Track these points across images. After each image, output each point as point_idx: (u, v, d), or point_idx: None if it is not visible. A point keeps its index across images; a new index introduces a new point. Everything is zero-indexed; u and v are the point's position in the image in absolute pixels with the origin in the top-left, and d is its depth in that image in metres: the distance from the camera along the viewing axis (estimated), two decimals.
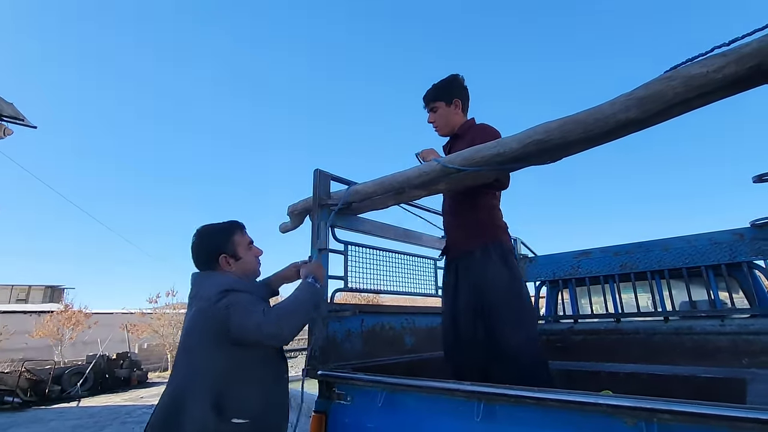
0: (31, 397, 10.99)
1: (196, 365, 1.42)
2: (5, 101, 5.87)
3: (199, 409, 1.34)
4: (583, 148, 1.48)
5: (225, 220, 1.73)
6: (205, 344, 1.43)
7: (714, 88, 1.13)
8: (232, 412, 1.37)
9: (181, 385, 1.41)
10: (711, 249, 2.87)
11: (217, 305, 1.41)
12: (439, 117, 2.13)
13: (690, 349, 2.76)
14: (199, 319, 1.46)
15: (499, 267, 1.88)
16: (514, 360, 1.77)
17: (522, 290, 1.92)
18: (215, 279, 1.55)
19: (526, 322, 1.86)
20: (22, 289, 28.04)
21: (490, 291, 1.85)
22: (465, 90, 2.15)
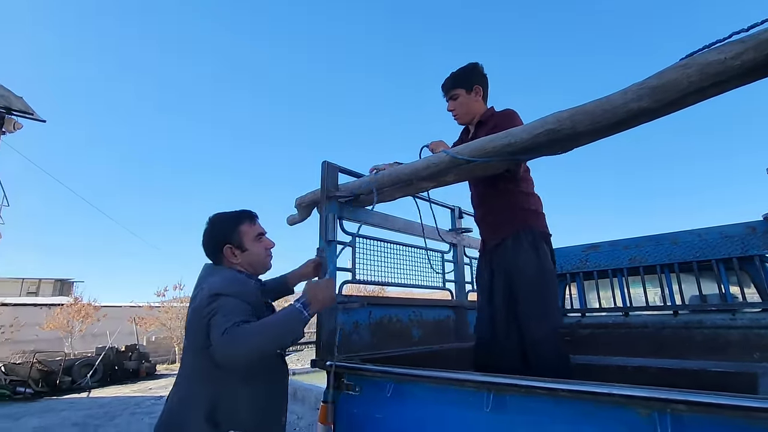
0: (42, 387, 11.18)
1: (193, 372, 1.41)
2: (15, 95, 5.92)
3: (197, 421, 1.32)
4: (594, 139, 1.46)
5: (238, 209, 1.65)
6: (197, 350, 1.38)
7: (731, 76, 1.10)
8: (227, 424, 1.34)
9: (184, 390, 1.41)
10: (722, 242, 2.84)
11: (205, 310, 1.35)
12: (459, 105, 2.09)
13: (700, 343, 2.74)
14: (193, 322, 1.41)
15: (529, 254, 1.85)
16: (536, 352, 1.77)
17: (551, 281, 1.88)
18: (213, 279, 1.47)
19: (551, 314, 1.83)
20: (33, 282, 28.46)
21: (519, 280, 1.84)
22: (485, 77, 2.12)
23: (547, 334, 1.77)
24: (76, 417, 7.84)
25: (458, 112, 2.11)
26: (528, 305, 1.81)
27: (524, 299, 1.82)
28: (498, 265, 1.96)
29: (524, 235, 1.91)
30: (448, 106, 2.12)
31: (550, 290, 1.87)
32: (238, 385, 1.40)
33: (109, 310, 20.79)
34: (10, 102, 6.13)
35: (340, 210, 2.14)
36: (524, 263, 1.85)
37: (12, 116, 6.44)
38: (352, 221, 2.24)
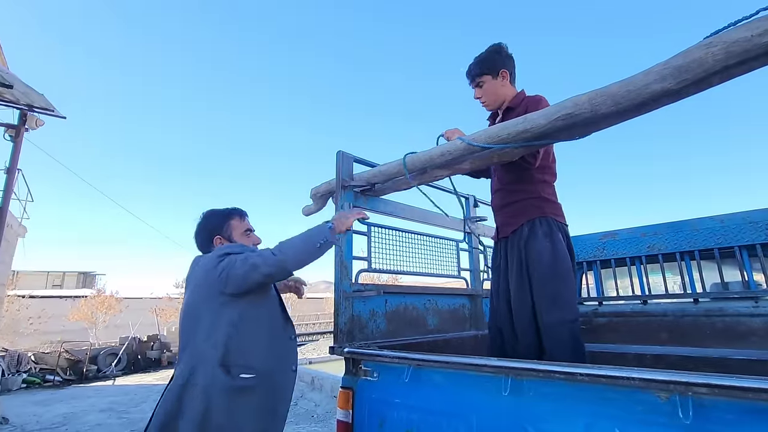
0: (70, 375, 11.62)
1: (203, 333, 1.47)
2: (37, 92, 6.07)
3: (208, 370, 1.41)
4: (614, 122, 1.43)
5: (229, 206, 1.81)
6: (209, 310, 1.49)
7: (758, 54, 1.06)
8: (238, 368, 1.44)
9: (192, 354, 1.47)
10: (745, 228, 2.76)
11: (216, 269, 1.49)
12: (486, 91, 2.00)
13: (721, 331, 2.69)
14: (201, 288, 1.53)
15: (544, 242, 1.84)
16: (549, 338, 1.77)
17: (566, 269, 1.84)
18: (211, 252, 1.63)
19: (566, 303, 1.80)
20: (57, 275, 29.42)
21: (534, 267, 1.83)
22: (511, 59, 2.01)
23: (560, 321, 1.76)
24: (102, 403, 8.13)
25: (486, 99, 2.02)
26: (542, 292, 1.80)
27: (538, 286, 1.81)
28: (512, 252, 1.94)
29: (540, 223, 1.90)
30: (474, 94, 2.04)
31: (565, 278, 1.84)
32: (249, 333, 1.50)
33: (130, 301, 21.41)
34: (32, 99, 6.29)
35: (355, 199, 2.16)
36: (539, 251, 1.84)
37: (34, 113, 6.61)
38: (367, 211, 2.26)
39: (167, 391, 1.47)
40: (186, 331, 1.53)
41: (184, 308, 1.58)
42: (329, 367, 9.05)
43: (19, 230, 9.38)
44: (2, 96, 6.19)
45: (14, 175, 6.84)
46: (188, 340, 1.50)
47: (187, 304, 1.57)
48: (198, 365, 1.43)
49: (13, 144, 6.81)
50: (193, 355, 1.46)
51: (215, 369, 1.41)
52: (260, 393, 1.48)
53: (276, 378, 1.55)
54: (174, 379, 1.48)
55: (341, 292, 1.98)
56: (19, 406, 8.03)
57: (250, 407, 1.45)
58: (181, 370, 1.46)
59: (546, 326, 1.77)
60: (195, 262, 1.67)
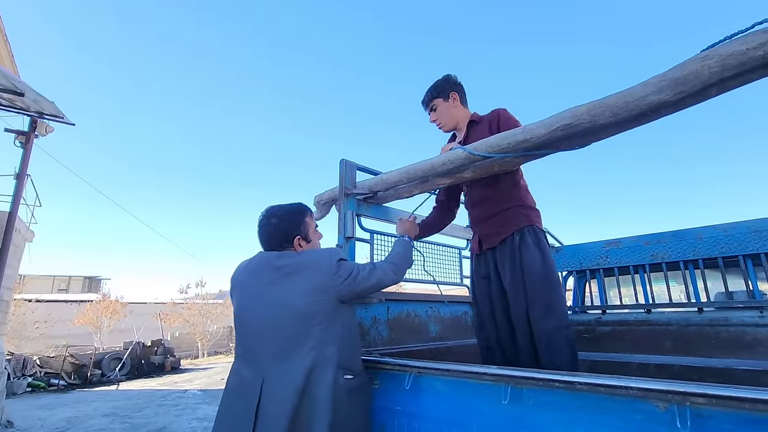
0: (74, 380, 11.67)
1: (319, 335, 1.45)
2: (47, 100, 6.17)
3: (332, 370, 1.42)
4: (612, 133, 1.45)
5: (293, 202, 1.74)
6: (324, 312, 1.47)
7: (754, 67, 1.09)
8: (343, 370, 1.47)
9: (307, 356, 1.42)
10: (750, 238, 2.75)
11: (337, 275, 1.51)
12: (440, 114, 2.13)
13: (726, 341, 2.67)
14: (315, 290, 1.48)
15: (534, 252, 1.87)
16: (546, 346, 1.77)
17: (556, 277, 1.91)
18: (315, 252, 1.62)
19: (560, 310, 1.84)
20: (63, 280, 29.62)
21: (527, 276, 1.84)
22: (459, 85, 2.15)
23: (557, 327, 1.78)
24: (106, 408, 8.15)
25: (440, 120, 2.15)
26: (537, 300, 1.82)
27: (533, 295, 1.83)
28: (503, 262, 1.95)
29: (528, 232, 1.92)
30: (430, 118, 2.18)
31: (556, 286, 1.88)
32: (350, 336, 1.57)
33: (135, 306, 21.48)
34: (42, 107, 6.40)
35: (359, 207, 2.18)
36: (531, 260, 1.86)
37: (44, 120, 6.72)
38: (370, 218, 2.28)
39: (276, 396, 1.38)
40: (289, 329, 1.46)
41: (281, 306, 1.49)
42: None
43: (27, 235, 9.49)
44: (13, 103, 6.30)
45: (24, 181, 6.94)
46: (294, 341, 1.44)
47: (289, 303, 1.48)
48: (317, 367, 1.41)
49: (24, 150, 6.92)
50: (312, 356, 1.42)
51: (336, 370, 1.43)
52: (360, 392, 1.53)
53: (365, 379, 1.61)
54: (282, 382, 1.40)
55: None
56: (24, 409, 8.06)
57: (361, 407, 1.52)
58: (294, 372, 1.40)
59: (542, 333, 1.78)
60: (283, 257, 1.58)
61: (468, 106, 2.17)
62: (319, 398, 1.37)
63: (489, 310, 2.02)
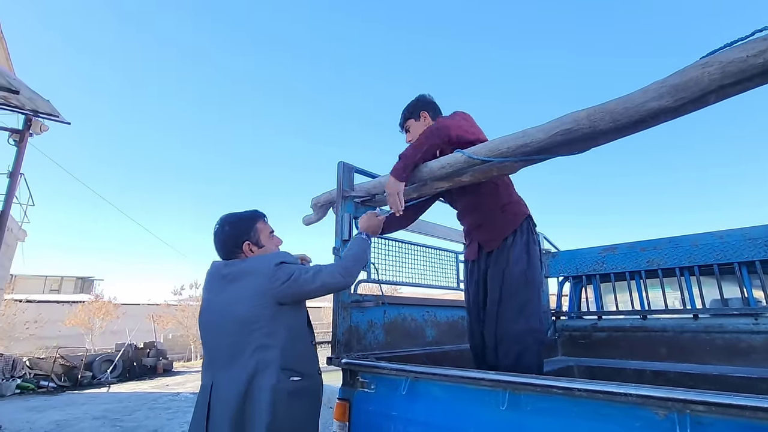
0: (64, 382, 11.50)
1: (261, 338, 1.48)
2: (42, 98, 6.13)
3: (274, 373, 1.45)
4: (612, 138, 1.45)
5: (248, 210, 1.76)
6: (265, 316, 1.49)
7: (754, 74, 1.09)
8: (289, 372, 1.49)
9: (249, 360, 1.46)
10: (744, 245, 2.77)
11: (275, 277, 1.51)
12: (412, 134, 2.13)
13: (721, 348, 2.68)
14: (256, 295, 1.51)
15: (520, 252, 1.86)
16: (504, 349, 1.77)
17: (534, 279, 1.86)
18: (258, 258, 1.62)
19: (528, 313, 1.79)
20: (55, 280, 29.32)
21: (508, 276, 1.83)
22: (431, 104, 2.16)
23: (525, 330, 1.75)
24: (96, 411, 8.04)
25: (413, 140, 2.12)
26: (510, 300, 1.80)
27: (507, 293, 1.82)
28: (493, 264, 1.92)
29: (520, 232, 1.92)
30: (406, 139, 2.18)
31: (535, 287, 1.84)
32: (297, 338, 1.58)
33: (127, 308, 21.29)
34: (37, 105, 6.34)
35: (356, 210, 2.17)
36: (516, 258, 1.85)
37: (39, 118, 6.67)
38: None
39: (224, 399, 1.44)
40: (232, 336, 1.50)
41: (225, 314, 1.53)
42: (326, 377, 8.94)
43: (19, 234, 9.39)
44: (8, 101, 6.25)
45: (17, 180, 6.87)
46: (238, 347, 1.49)
47: (231, 310, 1.52)
48: (259, 371, 1.45)
49: (17, 149, 6.86)
50: (254, 361, 1.46)
51: (279, 373, 1.45)
52: (308, 395, 1.55)
53: (315, 380, 1.63)
54: (227, 386, 1.45)
55: (340, 302, 1.97)
56: (12, 412, 7.94)
57: (304, 408, 1.52)
58: (236, 377, 1.45)
59: (510, 333, 1.76)
60: (229, 265, 1.61)
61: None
62: (260, 401, 1.41)
63: (477, 314, 2.01)
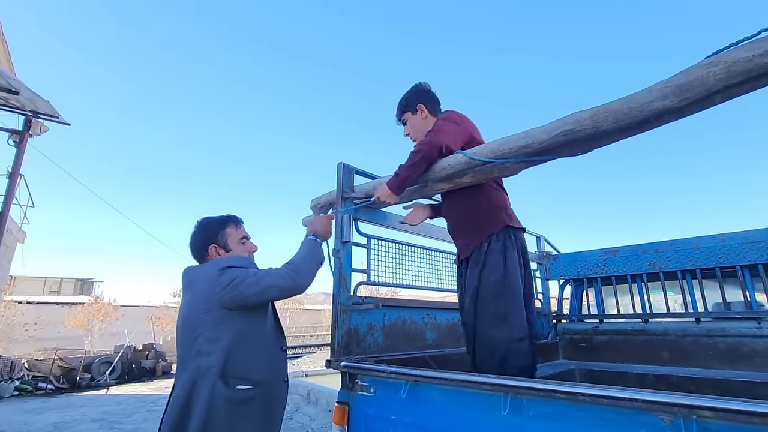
0: (63, 384, 11.46)
1: (203, 345, 1.46)
2: (42, 99, 6.12)
3: (209, 382, 1.42)
4: (616, 139, 1.43)
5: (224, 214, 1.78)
6: (209, 323, 1.48)
7: (760, 73, 1.07)
8: (236, 380, 1.45)
9: (192, 368, 1.46)
10: (747, 248, 2.75)
11: (218, 282, 1.48)
12: (410, 127, 2.12)
13: (724, 352, 2.66)
14: (201, 301, 1.51)
15: (496, 260, 1.79)
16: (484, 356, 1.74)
17: (512, 287, 1.77)
18: (210, 263, 1.62)
19: (510, 322, 1.72)
20: (55, 282, 29.27)
21: (482, 286, 1.78)
22: (428, 93, 2.12)
23: (508, 339, 1.70)
24: (94, 413, 8.00)
25: (411, 133, 2.13)
26: (487, 310, 1.75)
27: (483, 303, 1.76)
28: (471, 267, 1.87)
29: (496, 238, 1.83)
30: (403, 132, 2.16)
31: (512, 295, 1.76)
32: (248, 346, 1.51)
33: (127, 309, 21.24)
34: (37, 106, 6.34)
35: (356, 212, 2.15)
36: (491, 267, 1.78)
37: (39, 119, 6.66)
38: (367, 223, 2.25)
39: (170, 406, 1.47)
40: (184, 343, 1.51)
41: (182, 320, 1.56)
42: (326, 380, 8.93)
43: (19, 235, 9.37)
44: (8, 102, 6.25)
45: (16, 180, 6.85)
46: (187, 354, 1.49)
47: (184, 317, 1.55)
48: (199, 378, 1.43)
49: (17, 149, 6.84)
50: (194, 368, 1.45)
51: (216, 381, 1.42)
52: (258, 404, 1.49)
53: (272, 389, 1.57)
54: (175, 394, 1.48)
55: (339, 304, 1.95)
56: (10, 414, 7.90)
57: (248, 418, 1.46)
58: (181, 384, 1.46)
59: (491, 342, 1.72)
60: (188, 272, 1.64)
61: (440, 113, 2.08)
62: (196, 408, 1.40)
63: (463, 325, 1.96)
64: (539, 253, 3.69)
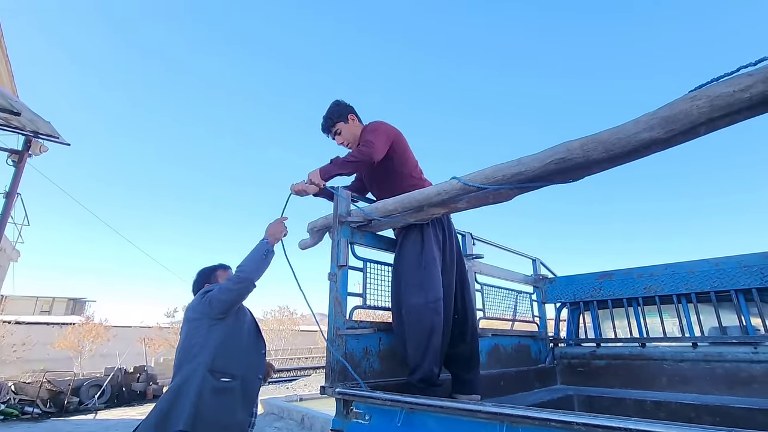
0: (50, 408, 11.13)
1: (197, 348, 1.85)
2: (43, 120, 6.19)
3: (200, 375, 1.78)
4: (605, 168, 1.47)
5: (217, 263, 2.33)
6: (201, 332, 1.90)
7: (741, 108, 1.12)
8: (220, 374, 1.84)
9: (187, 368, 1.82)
10: (740, 272, 2.77)
11: (201, 302, 1.96)
12: (345, 135, 2.33)
13: (721, 378, 2.65)
14: (193, 318, 1.95)
15: (413, 239, 2.15)
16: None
17: (400, 269, 2.16)
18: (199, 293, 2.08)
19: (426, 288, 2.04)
20: (46, 301, 28.75)
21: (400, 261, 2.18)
22: (351, 106, 2.38)
23: (425, 302, 2.00)
24: None
25: (347, 141, 2.34)
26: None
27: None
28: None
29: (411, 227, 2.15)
30: (337, 142, 2.36)
31: (400, 280, 2.13)
32: (231, 347, 1.92)
33: (119, 330, 20.83)
34: (38, 126, 6.40)
35: (352, 235, 2.16)
36: (411, 243, 2.14)
37: (39, 139, 6.71)
38: (363, 246, 2.26)
39: (161, 399, 1.79)
40: (182, 352, 1.89)
41: (181, 338, 1.96)
42: (321, 405, 8.72)
43: (13, 254, 9.29)
44: (9, 122, 6.31)
45: (13, 200, 6.85)
46: (183, 358, 1.86)
47: (182, 335, 1.97)
48: (191, 374, 1.79)
49: (15, 169, 6.87)
50: (189, 368, 1.81)
51: (205, 373, 1.79)
52: (236, 393, 1.88)
53: (248, 383, 1.96)
54: (169, 389, 1.80)
55: (335, 328, 1.94)
56: None
57: (228, 404, 1.85)
58: (176, 381, 1.80)
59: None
60: (191, 302, 2.08)
61: (362, 121, 2.39)
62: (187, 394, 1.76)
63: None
64: (535, 276, 3.69)
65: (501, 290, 3.25)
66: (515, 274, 3.47)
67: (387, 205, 2.03)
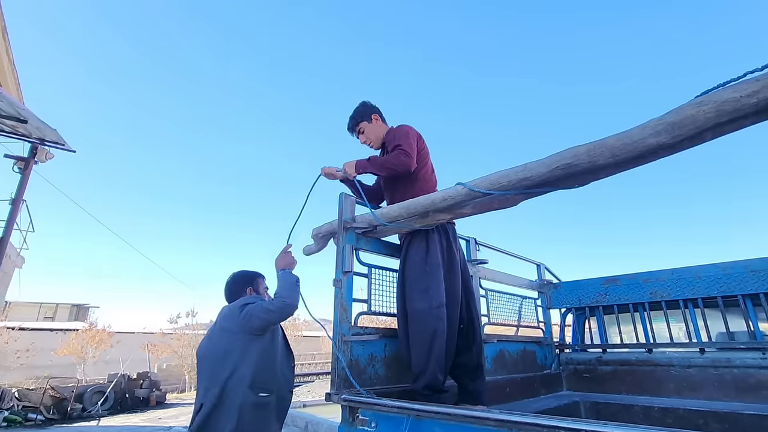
0: (53, 414, 11.14)
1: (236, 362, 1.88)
2: (50, 127, 6.24)
3: (242, 390, 1.83)
4: (611, 173, 1.47)
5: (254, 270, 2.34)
6: (239, 345, 1.91)
7: (747, 113, 1.12)
8: (258, 389, 1.88)
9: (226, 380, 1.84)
10: (748, 277, 2.75)
11: (240, 314, 1.95)
12: (368, 134, 2.41)
13: (729, 384, 2.62)
14: (230, 330, 1.96)
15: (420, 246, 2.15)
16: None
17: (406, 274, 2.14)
18: (238, 300, 2.09)
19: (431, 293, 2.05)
20: (50, 307, 28.86)
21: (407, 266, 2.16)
22: (377, 107, 2.45)
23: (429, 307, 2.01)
24: None
25: (369, 140, 2.42)
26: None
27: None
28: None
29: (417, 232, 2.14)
30: (360, 140, 2.44)
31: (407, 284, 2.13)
32: (267, 362, 1.96)
33: (122, 336, 20.86)
34: (44, 134, 6.46)
35: (357, 241, 2.17)
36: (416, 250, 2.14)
37: (45, 146, 6.77)
38: (368, 252, 2.26)
39: (199, 414, 1.82)
40: (214, 360, 1.92)
41: (213, 345, 1.98)
42: (325, 411, 8.67)
43: (17, 261, 9.33)
44: (16, 130, 6.37)
45: (18, 207, 6.90)
46: (219, 369, 1.88)
47: (215, 343, 1.98)
48: (232, 389, 1.83)
49: (21, 176, 6.92)
50: (227, 380, 1.84)
51: (246, 389, 1.84)
52: (271, 407, 1.94)
53: (281, 397, 2.01)
54: (205, 402, 1.82)
55: (340, 335, 1.94)
56: None
57: (265, 418, 1.91)
58: (213, 393, 1.82)
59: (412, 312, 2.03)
60: (224, 308, 2.11)
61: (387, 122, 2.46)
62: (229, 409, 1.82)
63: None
64: (540, 281, 3.68)
65: (506, 295, 3.24)
66: (520, 279, 3.46)
67: (392, 210, 2.03)
